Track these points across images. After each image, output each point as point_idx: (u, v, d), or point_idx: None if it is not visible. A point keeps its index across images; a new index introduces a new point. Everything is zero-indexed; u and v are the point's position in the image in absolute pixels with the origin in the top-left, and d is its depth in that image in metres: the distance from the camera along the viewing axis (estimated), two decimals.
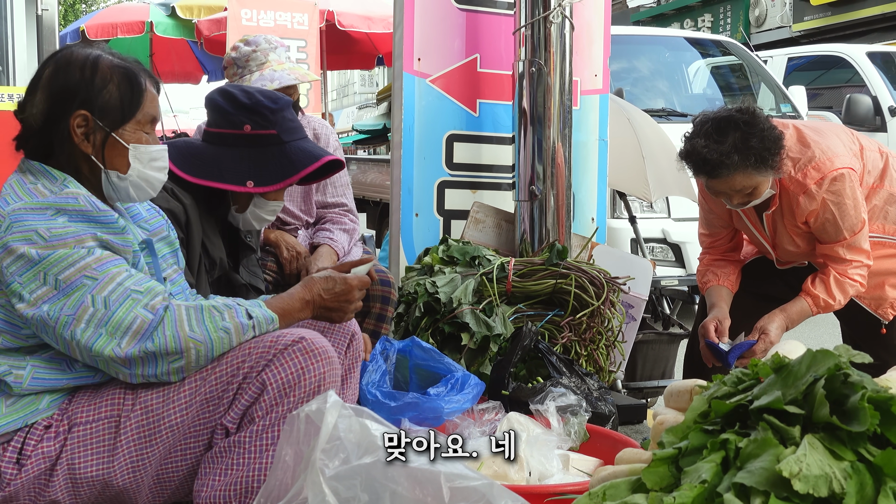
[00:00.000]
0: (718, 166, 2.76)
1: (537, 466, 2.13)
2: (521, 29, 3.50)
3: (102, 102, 1.85)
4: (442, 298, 3.02)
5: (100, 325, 1.72)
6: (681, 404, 1.83)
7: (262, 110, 2.41)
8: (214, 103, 2.48)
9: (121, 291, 1.74)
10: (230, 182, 2.39)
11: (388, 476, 1.39)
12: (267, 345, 1.79)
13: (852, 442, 1.16)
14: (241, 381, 1.78)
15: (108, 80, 1.86)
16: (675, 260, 6.15)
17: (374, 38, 9.74)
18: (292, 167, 2.40)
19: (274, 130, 2.41)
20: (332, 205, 3.48)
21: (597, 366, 3.15)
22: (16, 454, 1.79)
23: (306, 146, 2.47)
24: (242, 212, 2.48)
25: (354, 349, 2.22)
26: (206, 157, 2.43)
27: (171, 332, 1.75)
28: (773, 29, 17.87)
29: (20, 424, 1.80)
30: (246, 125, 2.40)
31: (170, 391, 1.79)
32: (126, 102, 1.88)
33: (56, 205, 1.76)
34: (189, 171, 2.40)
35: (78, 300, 1.72)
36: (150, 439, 1.78)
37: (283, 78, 3.31)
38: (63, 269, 1.73)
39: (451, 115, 3.72)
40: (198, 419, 1.79)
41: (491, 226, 3.64)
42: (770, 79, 8.06)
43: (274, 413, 1.76)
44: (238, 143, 2.41)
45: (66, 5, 21.57)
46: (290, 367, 1.77)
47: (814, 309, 3.02)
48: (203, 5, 9.45)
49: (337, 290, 1.99)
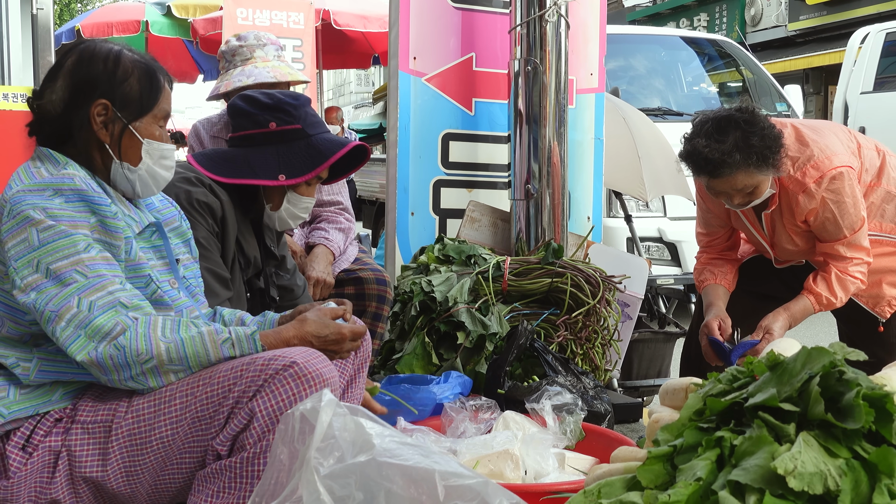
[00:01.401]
0: (720, 165, 2.76)
1: (533, 465, 2.13)
2: (516, 28, 3.50)
3: (123, 94, 1.91)
4: (438, 297, 3.02)
5: (80, 326, 1.73)
6: (676, 402, 1.83)
7: (285, 107, 2.50)
8: (237, 108, 2.55)
9: (108, 300, 1.75)
10: (262, 177, 2.45)
11: (382, 474, 1.38)
12: (258, 368, 1.75)
13: (847, 439, 1.16)
14: (231, 405, 1.74)
15: (129, 74, 1.92)
16: (670, 259, 6.16)
17: (370, 38, 9.73)
18: (321, 156, 2.47)
19: (298, 125, 2.49)
20: (327, 203, 3.47)
21: (592, 364, 3.15)
22: (23, 440, 1.81)
23: (331, 137, 2.54)
24: (277, 209, 2.53)
25: (363, 351, 2.22)
26: (237, 158, 2.50)
27: (144, 331, 1.76)
28: (768, 28, 17.91)
29: (31, 412, 1.82)
30: (271, 122, 2.48)
31: (161, 403, 1.78)
32: (145, 96, 1.94)
33: (53, 185, 1.79)
34: (221, 173, 2.46)
35: (65, 298, 1.73)
36: (140, 448, 1.78)
37: (260, 75, 3.28)
38: (57, 259, 1.74)
39: (446, 113, 3.72)
40: (190, 436, 1.77)
41: (487, 224, 3.64)
42: (766, 78, 8.07)
43: (265, 441, 1.73)
44: (265, 141, 2.49)
45: (62, 4, 21.53)
46: (280, 393, 1.73)
47: (816, 307, 3.02)
48: (199, 4, 9.43)
49: (329, 338, 1.95)
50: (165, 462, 1.79)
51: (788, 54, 16.92)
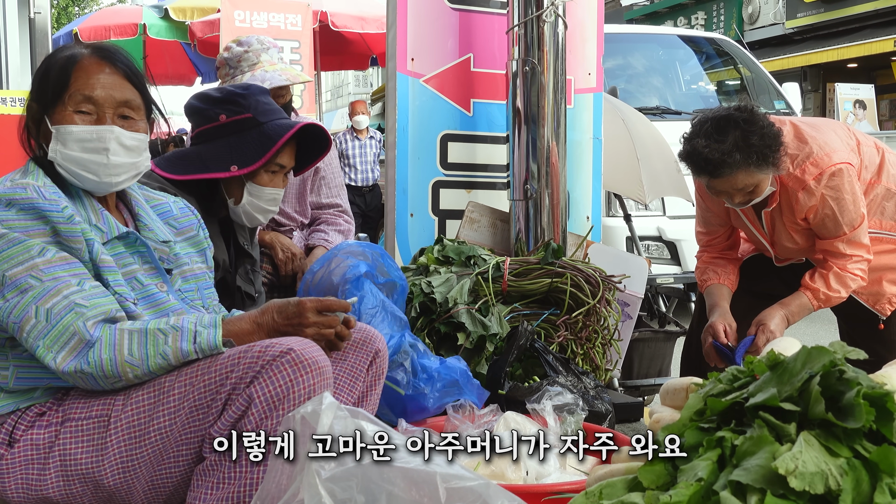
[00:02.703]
0: (721, 165, 2.76)
1: (534, 466, 2.13)
2: (514, 28, 3.50)
3: (41, 88, 1.89)
4: (437, 298, 3.01)
5: (38, 336, 1.74)
6: (677, 402, 1.83)
7: (234, 98, 2.49)
8: (191, 107, 2.56)
9: (64, 305, 1.75)
10: (214, 170, 2.44)
11: (384, 477, 1.38)
12: (255, 355, 1.75)
13: (848, 438, 1.16)
14: (229, 391, 1.75)
15: (51, 67, 1.90)
16: (670, 257, 6.16)
17: (368, 39, 9.74)
18: (270, 141, 2.44)
19: (249, 114, 2.47)
20: (326, 205, 3.48)
21: (593, 364, 3.15)
22: (7, 436, 1.82)
23: (285, 123, 2.51)
24: (239, 203, 2.50)
25: (377, 367, 2.17)
26: (190, 155, 2.50)
27: (108, 355, 1.75)
28: (766, 26, 17.90)
29: (12, 409, 1.84)
30: (221, 115, 2.48)
31: (160, 393, 1.79)
32: (54, 82, 1.88)
33: (6, 195, 1.79)
34: (174, 171, 2.45)
35: (23, 308, 1.74)
36: (139, 440, 1.78)
37: (274, 78, 3.30)
38: (12, 266, 1.75)
39: (445, 114, 3.71)
40: (187, 426, 1.77)
41: (486, 225, 3.64)
42: (763, 76, 8.07)
43: (263, 428, 1.72)
44: (217, 135, 2.48)
45: (59, 8, 21.53)
46: (278, 379, 1.73)
47: (814, 303, 3.01)
48: (196, 7, 9.44)
49: (289, 310, 1.90)
50: (162, 454, 1.78)
51: (786, 52, 16.92)
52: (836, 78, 15.73)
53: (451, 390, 2.55)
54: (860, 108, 13.44)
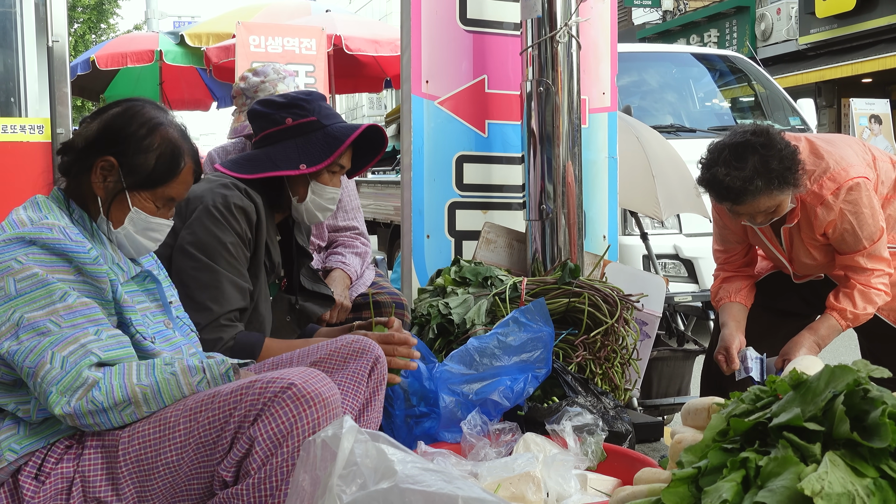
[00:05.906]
0: (743, 193, 2.75)
1: (555, 487, 2.12)
2: (527, 49, 3.51)
3: (135, 162, 1.96)
4: (455, 319, 3.01)
5: (52, 382, 1.74)
6: (699, 422, 1.82)
7: (299, 103, 2.60)
8: (255, 112, 2.65)
9: (81, 353, 1.77)
10: (284, 168, 2.54)
11: (405, 501, 1.38)
12: (257, 392, 1.76)
13: (874, 458, 1.15)
14: (234, 430, 1.75)
15: (151, 148, 1.97)
16: (687, 276, 6.13)
17: (382, 61, 9.80)
18: (336, 141, 2.56)
19: (313, 117, 2.59)
20: (343, 228, 3.48)
21: (612, 384, 3.13)
22: (35, 469, 1.82)
23: (346, 125, 2.63)
24: (303, 201, 2.60)
25: (378, 374, 2.22)
26: (259, 157, 2.59)
27: (119, 381, 1.78)
28: (779, 42, 17.90)
29: (42, 444, 1.84)
30: (287, 118, 2.58)
31: (165, 428, 1.79)
32: (156, 175, 1.98)
33: (31, 234, 1.82)
34: (244, 171, 2.54)
35: (39, 353, 1.75)
36: (149, 473, 1.78)
37: None
38: (33, 309, 1.77)
39: (460, 136, 3.72)
40: (196, 462, 1.78)
41: (502, 246, 3.64)
42: (778, 92, 8.05)
43: (269, 465, 1.73)
44: (284, 137, 2.58)
45: (76, 36, 21.77)
46: (280, 417, 1.73)
47: (842, 323, 2.99)
48: (211, 33, 9.53)
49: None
50: (174, 488, 1.79)
51: (800, 68, 16.90)
52: (850, 93, 15.67)
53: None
54: (876, 123, 13.40)
